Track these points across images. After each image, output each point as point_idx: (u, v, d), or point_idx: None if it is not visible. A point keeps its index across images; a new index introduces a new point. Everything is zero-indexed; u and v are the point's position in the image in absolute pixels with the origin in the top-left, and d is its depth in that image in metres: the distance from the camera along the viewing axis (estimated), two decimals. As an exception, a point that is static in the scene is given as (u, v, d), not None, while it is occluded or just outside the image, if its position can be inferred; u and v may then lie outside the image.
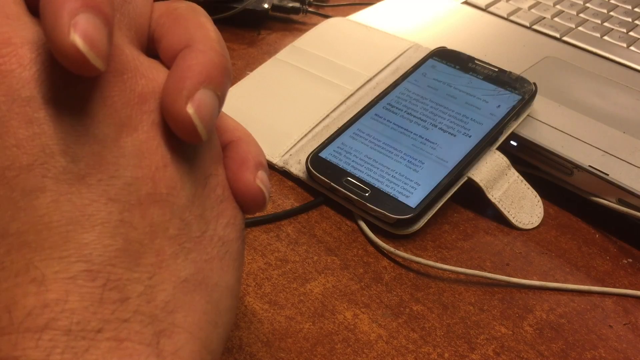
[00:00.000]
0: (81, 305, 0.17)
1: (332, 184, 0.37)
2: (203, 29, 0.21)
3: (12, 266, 0.17)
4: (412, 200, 0.36)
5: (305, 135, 0.41)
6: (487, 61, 0.44)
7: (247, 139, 0.24)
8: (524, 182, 0.39)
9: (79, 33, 0.17)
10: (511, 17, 0.54)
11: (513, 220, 0.38)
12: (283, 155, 0.40)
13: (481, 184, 0.38)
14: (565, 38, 0.52)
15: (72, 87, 0.18)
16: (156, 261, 0.19)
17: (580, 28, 0.53)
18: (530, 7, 0.56)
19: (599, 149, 0.39)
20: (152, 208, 0.19)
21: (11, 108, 0.17)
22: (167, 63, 0.21)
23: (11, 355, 0.16)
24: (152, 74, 0.20)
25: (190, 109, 0.19)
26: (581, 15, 0.55)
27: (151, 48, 0.22)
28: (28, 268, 0.17)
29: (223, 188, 0.22)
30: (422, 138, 0.39)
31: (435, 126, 0.40)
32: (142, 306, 0.18)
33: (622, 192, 0.37)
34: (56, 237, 0.17)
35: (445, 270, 0.35)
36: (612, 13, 0.55)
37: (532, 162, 0.41)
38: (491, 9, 0.55)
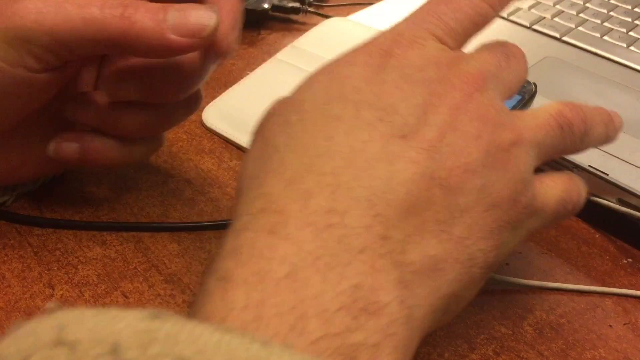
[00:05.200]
0: (354, 222, 0.20)
1: (332, 184, 0.37)
2: None
3: (324, 165, 0.21)
4: (412, 200, 0.36)
5: (305, 135, 0.41)
6: (487, 61, 0.44)
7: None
8: (524, 182, 0.39)
9: None
10: (511, 17, 0.54)
11: (513, 220, 0.38)
12: (283, 155, 0.40)
13: (481, 184, 0.37)
14: (565, 38, 0.52)
15: None
16: (419, 225, 0.21)
17: (580, 28, 0.53)
18: (530, 7, 0.56)
19: (599, 149, 0.39)
20: (435, 189, 0.22)
21: None
22: None
23: (293, 236, 0.19)
24: (496, 102, 0.25)
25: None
26: (581, 15, 0.55)
27: None
28: (331, 174, 0.21)
29: (499, 222, 0.24)
30: (422, 138, 0.39)
31: (435, 126, 0.40)
32: (394, 252, 0.20)
33: (622, 192, 0.37)
34: (363, 164, 0.21)
35: (445, 270, 0.34)
36: (612, 13, 0.55)
37: (532, 162, 0.41)
38: (491, 9, 0.55)
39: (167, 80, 0.30)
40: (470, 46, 0.29)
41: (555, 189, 0.27)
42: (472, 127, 0.23)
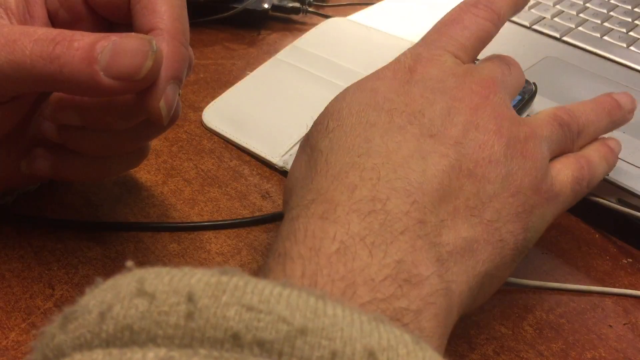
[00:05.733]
0: (394, 209, 0.22)
1: (332, 184, 0.37)
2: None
3: (366, 162, 0.24)
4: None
5: (305, 135, 0.41)
6: (487, 61, 0.44)
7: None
8: (524, 182, 0.39)
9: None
10: (511, 17, 0.54)
11: (513, 220, 0.38)
12: (283, 155, 0.40)
13: (481, 184, 0.37)
14: (565, 38, 0.52)
15: None
16: (452, 211, 0.24)
17: (580, 28, 0.53)
18: (530, 7, 0.56)
19: (599, 149, 0.39)
20: (465, 179, 0.25)
21: None
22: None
23: (341, 220, 0.22)
24: (507, 107, 0.29)
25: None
26: (581, 15, 0.55)
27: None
28: (373, 169, 0.24)
29: (524, 206, 0.26)
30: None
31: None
32: (430, 235, 0.23)
33: (622, 192, 0.37)
34: (399, 159, 0.24)
35: (445, 270, 0.34)
36: (612, 13, 0.55)
37: (532, 162, 0.41)
38: (491, 9, 0.55)
39: (104, 111, 0.28)
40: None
41: (567, 170, 0.30)
42: (491, 124, 0.27)
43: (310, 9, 0.57)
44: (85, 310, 0.16)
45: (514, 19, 0.54)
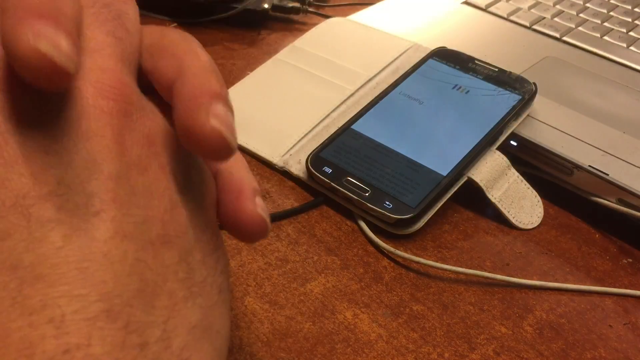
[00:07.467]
0: (103, 349, 0.16)
1: (332, 184, 0.37)
2: (196, 55, 0.21)
3: (26, 302, 0.16)
4: (412, 200, 0.36)
5: (306, 135, 0.41)
6: (487, 61, 0.44)
7: (237, 166, 0.24)
8: (524, 182, 0.39)
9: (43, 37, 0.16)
10: (511, 17, 0.54)
11: (513, 220, 0.38)
12: (283, 155, 0.40)
13: (481, 184, 0.38)
14: (565, 38, 0.52)
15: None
16: (169, 304, 0.18)
17: (580, 28, 0.53)
18: (530, 7, 0.56)
19: (599, 149, 0.39)
20: (162, 249, 0.18)
21: None
22: (163, 93, 0.21)
23: None
24: (157, 114, 0.20)
25: (214, 121, 0.18)
26: (581, 15, 0.55)
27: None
28: (44, 305, 0.16)
29: (217, 234, 0.22)
30: (422, 138, 0.39)
31: (435, 126, 0.40)
32: (161, 353, 0.17)
33: (622, 192, 0.37)
34: (73, 272, 0.16)
35: (445, 270, 0.35)
36: (612, 13, 0.55)
37: (532, 162, 0.41)
38: (491, 9, 0.55)
39: None
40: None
41: None
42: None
43: (310, 9, 0.57)
44: None
45: (514, 18, 0.54)
